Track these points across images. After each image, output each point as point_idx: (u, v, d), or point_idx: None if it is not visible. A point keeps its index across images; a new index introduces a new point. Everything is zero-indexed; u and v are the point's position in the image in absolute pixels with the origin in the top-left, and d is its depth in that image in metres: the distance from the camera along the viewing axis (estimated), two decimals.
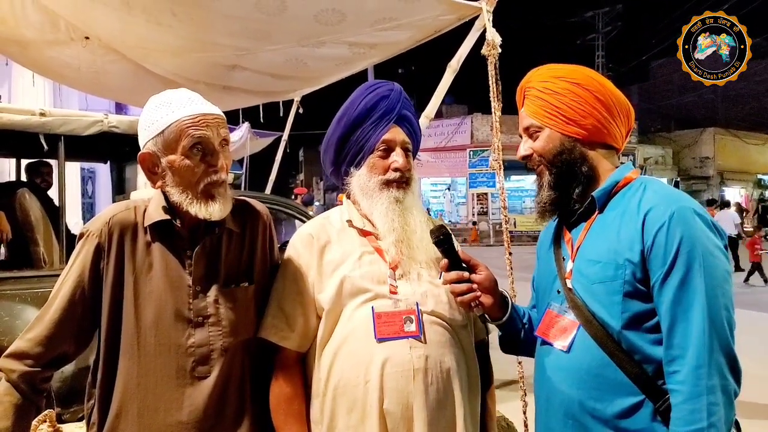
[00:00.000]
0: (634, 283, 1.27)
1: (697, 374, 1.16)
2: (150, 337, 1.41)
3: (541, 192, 1.47)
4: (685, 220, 1.24)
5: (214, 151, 1.42)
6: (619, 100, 1.43)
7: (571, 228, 1.47)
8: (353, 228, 1.60)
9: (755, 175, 29.14)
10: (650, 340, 1.26)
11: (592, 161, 1.43)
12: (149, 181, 1.47)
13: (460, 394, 1.49)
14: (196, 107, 1.42)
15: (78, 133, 3.80)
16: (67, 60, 4.82)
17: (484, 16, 3.44)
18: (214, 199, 1.42)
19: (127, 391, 1.40)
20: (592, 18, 28.83)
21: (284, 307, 1.53)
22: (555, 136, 1.42)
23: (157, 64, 4.74)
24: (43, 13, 4.11)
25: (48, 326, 1.40)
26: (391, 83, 1.66)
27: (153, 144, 1.42)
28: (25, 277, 3.59)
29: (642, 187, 1.36)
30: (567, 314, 1.39)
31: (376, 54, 4.44)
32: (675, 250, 1.22)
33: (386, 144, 1.57)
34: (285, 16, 3.57)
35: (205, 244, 1.49)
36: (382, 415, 1.41)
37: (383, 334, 1.45)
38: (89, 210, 11.58)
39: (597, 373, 1.30)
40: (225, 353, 1.45)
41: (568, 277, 1.41)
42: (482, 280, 1.47)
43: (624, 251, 1.29)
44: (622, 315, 1.27)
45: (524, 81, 1.51)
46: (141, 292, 1.42)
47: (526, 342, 1.56)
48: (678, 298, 1.21)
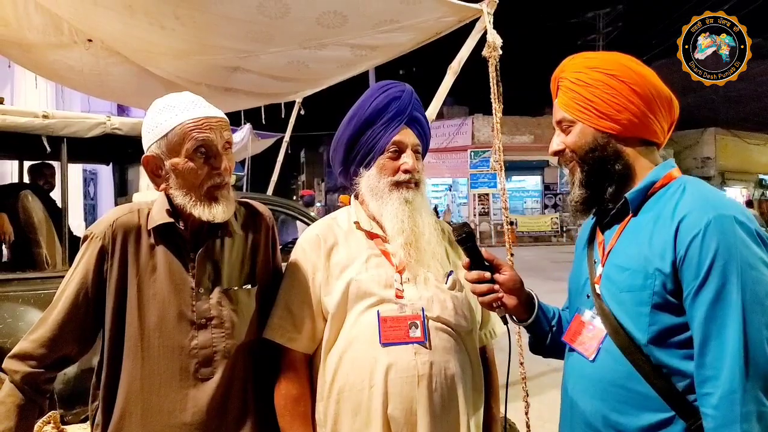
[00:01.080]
0: (664, 294, 1.17)
1: (730, 399, 1.07)
2: (154, 338, 1.42)
3: (573, 190, 1.38)
4: (723, 229, 1.13)
5: (217, 154, 1.43)
6: (660, 92, 1.31)
7: (604, 229, 1.38)
8: (360, 230, 1.60)
9: (756, 175, 29.09)
10: (681, 356, 1.17)
11: (628, 158, 1.32)
12: (153, 183, 1.48)
13: (464, 401, 1.49)
14: (200, 110, 1.43)
15: (81, 135, 3.80)
16: (69, 62, 4.84)
17: (485, 18, 3.45)
18: (217, 201, 1.44)
19: (131, 392, 1.41)
20: (592, 18, 28.82)
21: (292, 308, 1.53)
22: (588, 132, 1.33)
23: (159, 67, 4.75)
24: (46, 16, 4.13)
25: (51, 328, 1.41)
26: (403, 84, 1.66)
27: (157, 147, 1.43)
28: (28, 278, 3.59)
29: (681, 189, 1.25)
30: (595, 321, 1.31)
31: (377, 56, 4.45)
32: (710, 261, 1.12)
33: (397, 145, 1.57)
34: (287, 19, 3.58)
35: (208, 246, 1.50)
36: (386, 420, 1.41)
37: (388, 338, 1.44)
38: (91, 212, 11.59)
39: (622, 385, 1.22)
40: (228, 355, 1.46)
41: (597, 281, 1.33)
42: (506, 280, 1.43)
43: (655, 260, 1.19)
44: (650, 328, 1.19)
45: (558, 70, 1.41)
46: (144, 295, 1.43)
47: (554, 345, 1.50)
48: (711, 314, 1.11)
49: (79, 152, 4.73)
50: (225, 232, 1.52)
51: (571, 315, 1.44)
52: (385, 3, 3.45)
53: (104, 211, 11.26)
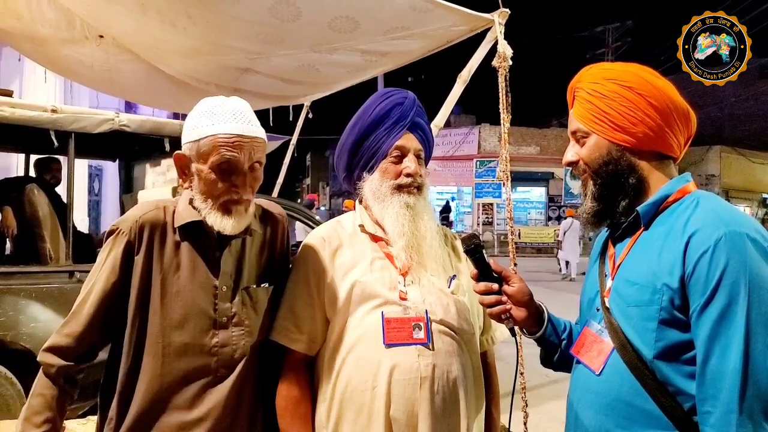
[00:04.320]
0: (671, 310, 1.15)
1: (727, 420, 1.06)
2: (175, 336, 1.44)
3: (585, 202, 1.37)
4: (734, 247, 1.10)
5: (240, 172, 1.45)
6: (677, 106, 1.28)
7: (616, 242, 1.36)
8: (365, 233, 1.61)
9: (760, 194, 29.05)
10: (686, 373, 1.15)
11: (642, 172, 1.29)
12: (180, 178, 1.52)
13: (465, 405, 1.49)
14: (236, 126, 1.43)
15: (89, 130, 3.81)
16: (80, 58, 4.87)
17: (496, 28, 3.46)
18: (230, 214, 1.46)
19: (150, 388, 1.43)
20: (602, 33, 28.87)
21: (295, 309, 1.54)
22: (602, 144, 1.31)
23: (169, 65, 4.77)
24: (59, 11, 4.15)
25: (84, 322, 1.44)
26: (405, 91, 1.68)
27: (188, 148, 1.46)
28: (31, 272, 3.59)
29: (694, 204, 1.22)
30: (603, 335, 1.29)
31: (387, 62, 4.46)
32: (717, 278, 1.09)
33: (399, 150, 1.59)
34: (299, 23, 3.59)
35: (232, 245, 1.52)
36: (388, 422, 1.42)
37: (392, 339, 1.45)
38: (95, 208, 11.62)
39: (627, 401, 1.20)
40: (246, 353, 1.49)
41: (606, 295, 1.31)
42: (514, 292, 1.41)
43: (663, 275, 1.17)
44: (656, 344, 1.16)
45: (575, 80, 1.38)
46: (168, 292, 1.45)
47: (564, 358, 1.47)
48: (716, 331, 1.09)
49: (87, 148, 4.75)
50: (247, 230, 1.54)
51: (580, 328, 1.42)
52: (397, 10, 3.46)
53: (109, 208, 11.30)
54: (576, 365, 1.39)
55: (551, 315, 1.49)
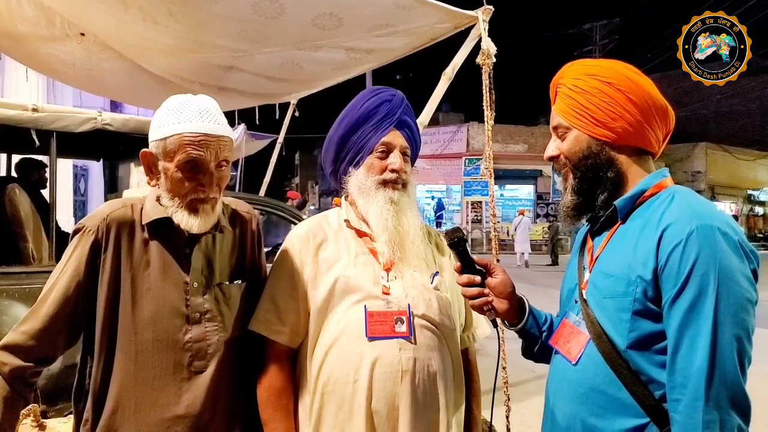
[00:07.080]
0: (644, 301, 1.19)
1: (693, 407, 1.10)
2: (147, 333, 1.43)
3: (565, 196, 1.40)
4: (705, 240, 1.13)
5: (206, 172, 1.44)
6: (656, 102, 1.31)
7: (594, 236, 1.40)
8: (350, 228, 1.63)
9: (745, 190, 29.41)
10: (657, 363, 1.19)
11: (621, 166, 1.33)
12: (146, 176, 1.50)
13: (444, 399, 1.51)
14: (202, 125, 1.42)
15: (71, 129, 3.77)
16: (62, 56, 4.81)
17: (480, 25, 3.46)
18: (196, 213, 1.45)
19: (124, 387, 1.42)
20: (589, 30, 29.05)
21: (278, 301, 1.55)
22: (582, 138, 1.34)
23: (152, 63, 4.73)
24: (39, 8, 4.10)
25: (42, 320, 1.40)
26: (394, 90, 1.70)
27: (155, 146, 1.45)
28: (13, 273, 3.55)
29: (669, 198, 1.26)
30: (580, 326, 1.32)
31: (372, 59, 4.45)
32: (688, 271, 1.13)
33: (385, 146, 1.60)
34: (282, 20, 3.58)
35: (202, 241, 1.52)
36: (369, 414, 1.43)
37: (374, 333, 1.47)
38: (81, 208, 11.52)
39: (601, 390, 1.23)
40: (220, 348, 1.49)
41: (584, 287, 1.35)
42: (497, 284, 1.44)
43: (637, 267, 1.20)
44: (629, 334, 1.20)
45: (557, 76, 1.41)
46: (138, 289, 1.45)
47: (544, 350, 1.50)
48: (685, 322, 1.13)
49: (69, 147, 4.69)
50: (217, 226, 1.54)
51: (559, 319, 1.46)
52: (380, 7, 3.45)
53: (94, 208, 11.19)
54: (554, 356, 1.42)
55: (532, 307, 1.52)
